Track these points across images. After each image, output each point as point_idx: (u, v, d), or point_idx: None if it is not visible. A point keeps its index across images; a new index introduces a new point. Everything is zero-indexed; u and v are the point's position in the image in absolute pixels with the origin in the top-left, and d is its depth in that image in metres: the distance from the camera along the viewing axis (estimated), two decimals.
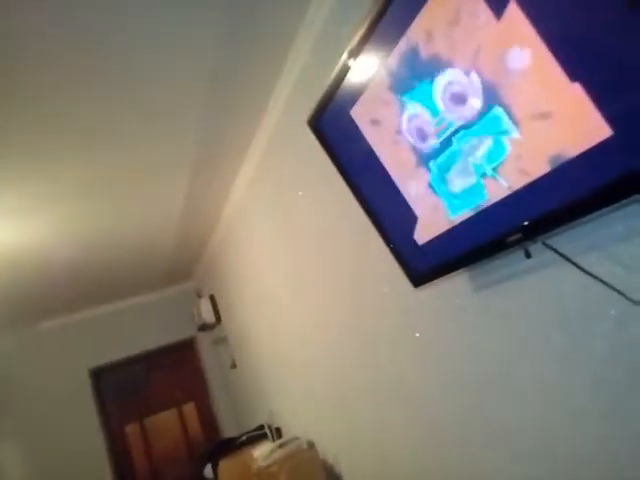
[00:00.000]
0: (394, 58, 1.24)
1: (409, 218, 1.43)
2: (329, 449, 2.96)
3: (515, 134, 1.04)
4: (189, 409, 5.70)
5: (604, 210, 0.98)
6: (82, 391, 5.22)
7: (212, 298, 5.06)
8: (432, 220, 1.36)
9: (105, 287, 4.78)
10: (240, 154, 2.89)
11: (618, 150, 0.89)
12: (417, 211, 1.40)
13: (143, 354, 5.49)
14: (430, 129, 1.23)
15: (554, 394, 1.32)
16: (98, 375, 5.36)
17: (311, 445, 3.07)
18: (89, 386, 5.26)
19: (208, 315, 5.01)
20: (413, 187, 1.37)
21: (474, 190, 1.20)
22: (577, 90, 0.90)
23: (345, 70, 1.41)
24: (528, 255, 1.20)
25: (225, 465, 3.45)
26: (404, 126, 1.31)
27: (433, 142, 1.24)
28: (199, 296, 5.35)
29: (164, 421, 5.56)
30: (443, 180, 1.27)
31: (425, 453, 2.02)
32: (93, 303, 5.24)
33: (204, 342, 5.80)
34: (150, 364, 5.59)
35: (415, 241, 1.45)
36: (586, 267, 1.08)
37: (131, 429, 5.40)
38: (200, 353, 5.84)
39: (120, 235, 3.56)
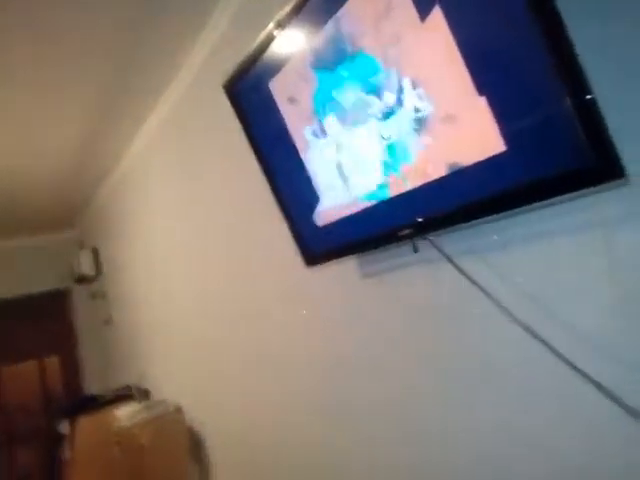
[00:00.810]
0: (320, 38, 1.24)
1: (312, 199, 1.46)
2: (196, 414, 2.97)
3: (422, 135, 1.10)
4: (52, 362, 5.40)
5: (486, 219, 1.08)
6: None
7: (95, 250, 4.81)
8: (334, 204, 1.40)
9: None
10: (150, 101, 2.75)
11: (508, 165, 0.98)
12: (321, 193, 1.43)
13: (8, 300, 5.10)
14: (344, 115, 1.26)
15: (413, 380, 1.44)
16: None
17: (178, 409, 3.05)
18: None
19: (88, 267, 4.76)
20: (320, 170, 1.40)
21: (376, 182, 1.25)
22: (482, 103, 0.97)
23: (269, 40, 1.37)
24: (416, 250, 1.28)
25: (84, 422, 3.33)
26: (320, 109, 1.33)
27: (346, 128, 1.27)
28: (81, 246, 5.07)
29: (23, 372, 5.22)
30: (350, 168, 1.31)
31: (289, 426, 2.09)
32: None
33: (80, 295, 5.50)
34: (16, 311, 5.20)
35: (315, 222, 1.49)
36: (463, 268, 1.18)
37: None
38: (74, 305, 5.54)
39: None
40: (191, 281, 2.86)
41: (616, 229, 0.93)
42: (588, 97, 0.83)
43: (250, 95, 1.54)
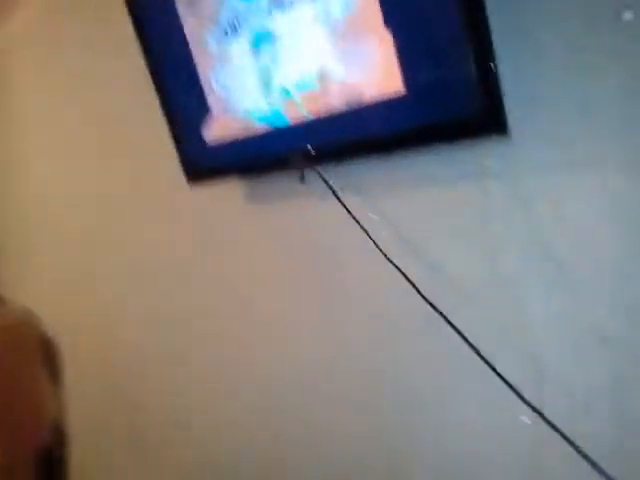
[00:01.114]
0: None
1: (202, 113, 1.37)
2: (52, 322, 2.81)
3: (327, 62, 1.07)
4: None
5: (376, 158, 1.11)
6: None
7: None
8: (225, 122, 1.34)
9: None
10: None
11: (405, 108, 0.99)
12: (212, 109, 1.35)
13: None
14: (246, 30, 1.19)
15: (286, 312, 1.49)
16: None
17: (30, 314, 2.85)
18: None
19: None
20: (214, 83, 1.32)
21: (273, 106, 1.21)
22: (389, 41, 0.96)
23: None
24: (303, 180, 1.27)
25: None
26: (222, 16, 1.23)
27: (248, 43, 1.20)
28: None
29: None
30: (246, 87, 1.25)
31: (153, 343, 2.08)
32: None
33: None
34: None
35: (203, 136, 1.41)
36: (346, 203, 1.19)
37: None
38: None
39: None
40: (60, 183, 2.62)
41: (493, 182, 0.99)
42: (490, 63, 0.86)
43: None
